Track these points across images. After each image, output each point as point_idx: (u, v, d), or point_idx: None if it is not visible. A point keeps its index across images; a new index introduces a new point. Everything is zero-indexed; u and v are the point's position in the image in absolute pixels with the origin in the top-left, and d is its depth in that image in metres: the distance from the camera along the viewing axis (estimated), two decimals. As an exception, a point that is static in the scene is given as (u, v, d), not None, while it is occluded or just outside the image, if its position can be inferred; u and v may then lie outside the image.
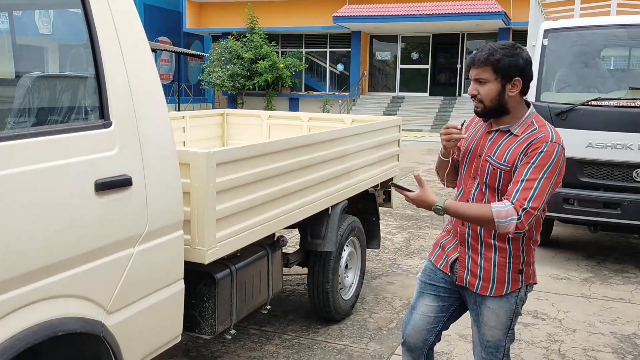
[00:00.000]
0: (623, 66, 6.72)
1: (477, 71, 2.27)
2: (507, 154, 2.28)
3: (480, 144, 2.39)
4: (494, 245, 2.36)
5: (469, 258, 2.42)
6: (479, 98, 2.29)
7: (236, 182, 2.85)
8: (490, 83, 2.26)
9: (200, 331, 2.93)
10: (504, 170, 2.28)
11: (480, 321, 2.45)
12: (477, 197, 2.37)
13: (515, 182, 2.22)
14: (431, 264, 2.58)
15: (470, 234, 2.40)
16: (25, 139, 1.90)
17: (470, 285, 2.43)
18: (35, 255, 1.90)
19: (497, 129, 2.36)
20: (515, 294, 2.40)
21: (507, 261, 2.36)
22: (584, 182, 5.67)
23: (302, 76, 25.80)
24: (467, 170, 2.42)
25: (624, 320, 4.51)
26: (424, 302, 2.57)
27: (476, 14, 20.74)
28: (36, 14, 2.87)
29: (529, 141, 2.25)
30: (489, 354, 2.48)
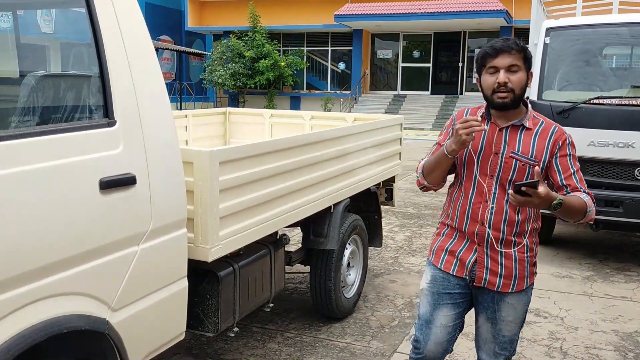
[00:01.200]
0: (625, 64, 6.72)
1: (511, 59, 2.20)
2: (532, 149, 2.27)
3: (495, 141, 2.30)
4: (514, 241, 2.34)
5: (487, 257, 2.36)
6: (510, 87, 2.20)
7: (239, 181, 2.86)
8: (521, 71, 2.23)
9: (203, 329, 2.94)
10: (532, 164, 2.26)
11: (497, 318, 2.43)
12: (498, 196, 2.30)
13: (568, 175, 2.30)
14: (441, 272, 2.45)
15: (490, 234, 2.32)
16: (30, 138, 1.91)
17: (490, 285, 2.38)
18: (40, 253, 1.91)
19: (508, 125, 2.31)
20: (532, 286, 2.45)
21: (525, 256, 2.37)
22: (585, 180, 5.65)
23: (304, 75, 25.79)
24: (482, 169, 2.32)
25: (625, 319, 4.52)
26: (442, 314, 2.47)
27: (478, 12, 20.72)
28: (39, 13, 2.88)
29: (550, 134, 2.29)
30: (503, 349, 2.47)
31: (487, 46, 2.25)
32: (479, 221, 2.33)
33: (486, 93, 2.28)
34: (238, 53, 23.15)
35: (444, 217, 2.51)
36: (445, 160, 2.29)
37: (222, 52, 23.65)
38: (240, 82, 23.33)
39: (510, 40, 2.23)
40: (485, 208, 2.32)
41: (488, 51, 2.23)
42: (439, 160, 2.31)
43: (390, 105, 23.08)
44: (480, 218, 2.33)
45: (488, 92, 2.26)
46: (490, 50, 2.22)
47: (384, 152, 4.73)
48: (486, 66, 2.25)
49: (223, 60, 23.64)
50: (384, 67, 25.84)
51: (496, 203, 2.31)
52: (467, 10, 20.96)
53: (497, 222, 2.31)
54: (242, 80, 23.28)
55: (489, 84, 2.24)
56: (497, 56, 2.21)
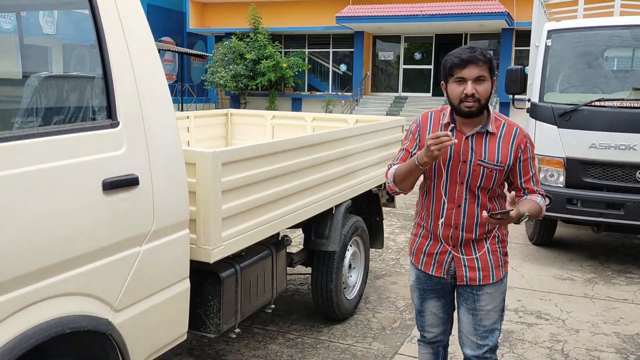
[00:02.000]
0: (626, 67, 6.71)
1: (478, 70, 2.27)
2: (497, 155, 2.39)
3: (462, 149, 2.39)
4: (485, 237, 2.48)
5: (463, 255, 2.49)
6: (476, 97, 2.29)
7: (241, 182, 2.87)
8: (487, 82, 2.31)
9: (205, 330, 2.94)
10: (498, 170, 2.39)
11: (477, 308, 2.53)
12: (469, 201, 2.42)
13: (528, 179, 2.45)
14: (422, 273, 2.61)
15: (464, 237, 2.45)
16: (33, 139, 1.92)
17: (471, 281, 2.50)
18: (43, 254, 1.92)
19: (473, 133, 2.39)
20: (506, 275, 2.59)
21: (497, 246, 2.51)
22: (587, 183, 5.68)
23: (305, 76, 25.79)
24: (452, 177, 2.42)
25: (627, 321, 4.52)
26: (430, 305, 2.66)
27: (479, 15, 20.70)
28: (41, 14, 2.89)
29: (512, 137, 2.41)
30: (484, 339, 2.55)
31: (455, 56, 2.30)
32: (453, 225, 2.46)
33: (453, 102, 2.35)
34: (240, 54, 23.16)
35: (418, 219, 2.62)
36: (417, 170, 2.37)
37: (223, 54, 23.65)
38: (242, 83, 23.32)
39: (477, 51, 2.29)
40: (458, 213, 2.44)
41: (456, 62, 2.28)
42: (411, 171, 2.39)
43: (392, 106, 23.08)
44: (454, 223, 2.45)
45: (455, 101, 2.34)
46: (457, 61, 2.28)
47: (386, 153, 4.73)
48: (454, 76, 2.31)
49: (224, 62, 23.64)
50: (385, 68, 25.83)
51: (467, 208, 2.43)
52: (468, 13, 20.95)
53: (469, 225, 2.45)
54: (244, 82, 23.27)
55: (457, 93, 2.31)
56: (465, 67, 2.27)
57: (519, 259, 6.10)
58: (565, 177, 5.75)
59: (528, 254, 6.30)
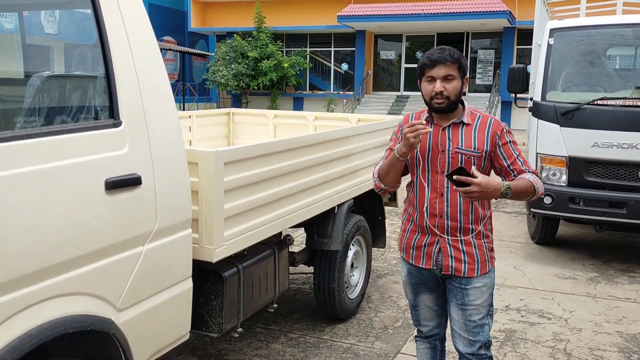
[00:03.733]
0: (629, 65, 6.70)
1: (447, 69, 2.41)
2: (474, 142, 2.50)
3: (440, 140, 2.51)
4: (471, 229, 2.54)
5: (450, 246, 2.55)
6: (445, 95, 2.43)
7: (244, 181, 2.87)
8: (456, 80, 2.45)
9: (207, 329, 2.94)
10: (476, 156, 2.49)
11: (466, 303, 2.58)
12: (451, 189, 2.48)
13: (513, 160, 2.52)
14: (413, 267, 2.68)
15: (449, 225, 2.52)
16: (36, 138, 1.92)
17: (456, 272, 2.56)
18: (45, 253, 1.92)
19: (449, 124, 2.51)
20: (493, 269, 2.64)
21: (482, 242, 2.57)
22: (589, 182, 5.67)
23: (307, 75, 25.79)
24: (432, 167, 2.52)
25: (630, 320, 4.51)
26: (423, 299, 2.74)
27: (481, 13, 20.68)
28: (43, 13, 2.89)
29: (487, 126, 2.52)
30: (475, 335, 2.59)
31: (425, 57, 2.46)
32: (438, 214, 2.53)
33: (425, 99, 2.50)
34: (241, 53, 23.15)
35: (406, 215, 2.70)
36: (397, 162, 2.50)
37: (225, 53, 23.65)
38: (244, 82, 23.32)
39: (446, 52, 2.44)
40: (442, 202, 2.52)
41: (425, 62, 2.45)
42: (392, 164, 2.52)
43: (393, 105, 23.06)
44: (439, 212, 2.53)
45: (427, 97, 2.49)
46: (427, 62, 2.44)
47: (388, 153, 4.72)
48: (425, 75, 2.47)
49: (226, 61, 23.64)
50: (386, 67, 25.82)
51: (450, 196, 2.51)
52: (470, 11, 20.93)
53: (453, 213, 2.52)
54: (245, 81, 23.27)
55: (427, 91, 2.47)
56: (434, 67, 2.43)
57: (521, 258, 6.09)
58: (568, 176, 5.73)
59: (530, 253, 6.29)
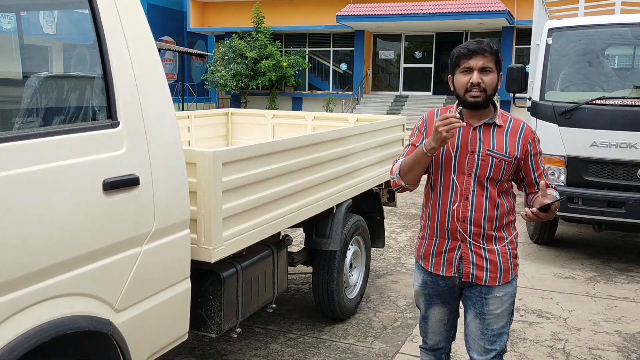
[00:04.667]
0: (627, 65, 6.70)
1: (484, 60, 2.29)
2: (505, 146, 2.37)
3: (470, 140, 2.38)
4: (494, 236, 2.42)
5: (472, 253, 2.43)
6: (482, 87, 2.30)
7: (242, 181, 2.87)
8: (493, 73, 2.32)
9: (206, 329, 2.94)
10: (507, 161, 2.37)
11: (486, 312, 2.47)
12: (477, 193, 2.37)
13: (540, 173, 2.45)
14: (430, 276, 2.55)
15: (472, 230, 2.40)
16: (34, 139, 1.92)
17: (477, 279, 2.44)
18: (43, 254, 1.91)
19: (481, 124, 2.39)
20: (516, 278, 2.52)
21: (507, 248, 2.45)
22: (588, 181, 5.67)
23: (306, 75, 25.78)
24: (460, 168, 2.38)
25: (628, 319, 4.51)
26: (435, 311, 2.61)
27: (480, 13, 20.69)
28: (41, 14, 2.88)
29: (520, 131, 2.41)
30: (492, 344, 2.49)
31: (462, 47, 2.33)
32: (460, 219, 2.40)
33: (459, 92, 2.35)
34: (240, 54, 23.14)
35: (424, 220, 2.56)
36: (424, 158, 2.33)
37: (224, 53, 23.64)
38: (242, 82, 23.31)
39: (484, 43, 2.32)
40: (466, 206, 2.39)
41: (463, 52, 2.31)
42: (417, 160, 2.35)
43: (392, 105, 23.07)
44: (462, 216, 2.40)
45: (461, 91, 2.34)
46: (464, 51, 2.31)
47: (387, 152, 4.73)
48: (460, 66, 2.33)
49: (225, 61, 23.63)
50: (385, 67, 25.82)
51: (475, 200, 2.38)
52: (469, 11, 20.93)
53: (477, 218, 2.39)
54: (244, 81, 23.27)
55: (463, 83, 2.32)
56: (472, 57, 2.30)
57: (520, 257, 6.07)
58: (567, 175, 5.74)
59: (529, 252, 6.29)
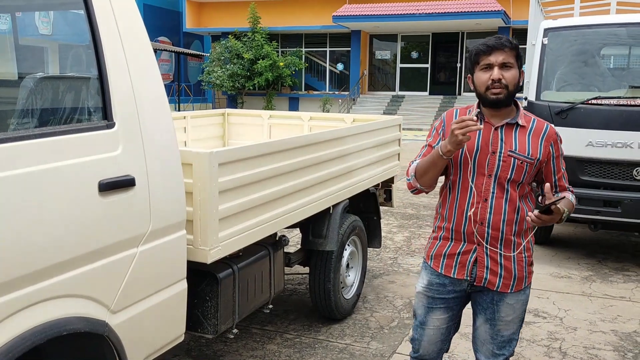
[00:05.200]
0: (623, 65, 6.73)
1: (505, 55, 2.22)
2: (528, 147, 2.31)
3: (492, 140, 2.30)
4: (513, 241, 2.35)
5: (487, 257, 2.36)
6: (504, 83, 2.23)
7: (238, 182, 2.86)
8: (514, 69, 2.25)
9: (202, 330, 2.94)
10: (529, 163, 2.30)
11: (497, 318, 2.43)
12: (497, 195, 2.30)
13: (560, 176, 2.42)
14: (437, 278, 2.46)
15: (490, 234, 2.32)
16: (29, 140, 1.91)
17: (490, 285, 2.38)
18: (39, 256, 1.91)
19: (503, 124, 2.32)
20: (529, 286, 2.47)
21: (523, 256, 2.39)
22: (584, 181, 5.68)
23: (302, 76, 25.80)
24: (479, 169, 2.31)
25: (624, 319, 4.52)
26: (435, 317, 2.51)
27: (476, 13, 20.75)
28: (36, 14, 2.87)
29: (543, 132, 2.35)
30: (502, 349, 2.46)
31: (481, 44, 2.27)
32: (478, 221, 2.32)
33: (480, 90, 2.29)
34: (236, 54, 23.13)
35: (439, 221, 2.49)
36: (440, 161, 2.28)
37: (220, 53, 23.63)
38: (239, 83, 23.31)
39: (504, 38, 2.26)
40: (485, 208, 2.31)
41: (482, 48, 2.25)
42: (433, 162, 2.30)
43: (389, 105, 23.10)
44: (480, 218, 2.32)
45: (482, 88, 2.27)
46: (484, 48, 2.25)
47: (383, 152, 4.73)
48: (480, 63, 2.26)
49: (221, 62, 23.62)
50: (382, 67, 25.86)
51: (494, 203, 2.31)
52: (465, 11, 20.99)
53: (496, 221, 2.31)
54: (241, 82, 23.26)
55: (483, 80, 2.26)
56: (491, 53, 2.23)
57: (517, 257, 6.09)
58: (563, 175, 5.74)
59: (526, 252, 6.30)
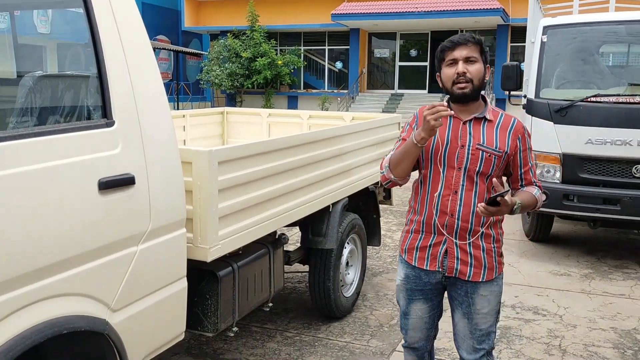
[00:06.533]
0: (622, 62, 6.73)
1: (468, 50, 2.31)
2: (496, 141, 2.38)
3: (461, 134, 2.38)
4: (481, 232, 2.42)
5: (457, 248, 2.43)
6: (468, 77, 2.31)
7: (238, 180, 2.86)
8: (478, 63, 2.33)
9: (202, 329, 2.94)
10: (497, 156, 2.37)
11: (473, 311, 2.48)
12: (466, 187, 2.38)
13: (527, 169, 2.46)
14: (413, 270, 2.55)
15: (460, 225, 2.40)
16: (28, 139, 1.91)
17: (461, 274, 2.45)
18: (39, 254, 1.91)
19: (471, 118, 2.39)
20: (501, 276, 2.53)
21: (492, 246, 2.46)
22: (583, 178, 5.68)
23: (301, 74, 25.77)
24: (449, 162, 2.38)
25: (624, 316, 4.53)
26: (416, 307, 2.59)
27: (474, 11, 20.72)
28: (35, 13, 2.87)
29: (510, 126, 2.41)
30: (481, 343, 2.50)
31: (446, 41, 2.37)
32: (448, 213, 2.40)
33: (446, 85, 2.37)
34: (235, 53, 23.10)
35: (411, 214, 2.56)
36: (414, 149, 2.33)
37: (218, 52, 23.60)
38: (238, 82, 23.28)
39: (467, 34, 2.36)
40: (455, 200, 2.39)
41: (446, 45, 2.35)
42: (407, 151, 2.36)
43: (388, 104, 23.08)
44: (450, 210, 2.40)
45: (448, 84, 2.36)
46: (448, 44, 2.34)
47: (382, 151, 4.73)
48: (445, 59, 2.35)
49: (220, 60, 23.59)
50: (381, 66, 25.83)
51: (464, 195, 2.39)
52: (463, 9, 20.96)
53: (465, 213, 2.39)
54: (239, 80, 23.23)
55: (449, 75, 2.34)
56: (455, 49, 2.32)
57: (516, 255, 6.11)
58: (562, 172, 5.76)
59: (525, 250, 6.31)
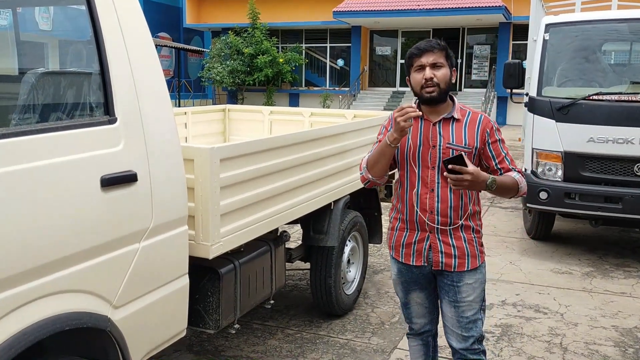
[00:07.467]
0: (624, 61, 6.71)
1: (434, 56, 2.44)
2: (465, 138, 2.50)
3: (431, 135, 2.50)
4: (461, 224, 2.54)
5: (440, 242, 2.55)
6: (435, 82, 2.43)
7: (240, 178, 2.86)
8: (444, 67, 2.46)
9: (204, 326, 2.94)
10: (467, 152, 2.48)
11: (459, 300, 2.59)
12: (442, 185, 2.49)
13: (501, 159, 2.55)
14: (403, 265, 2.68)
15: (440, 221, 2.52)
16: (30, 136, 1.91)
17: (447, 267, 2.57)
18: (41, 251, 1.91)
19: (440, 119, 2.51)
20: (484, 265, 2.66)
21: (472, 237, 2.58)
22: (585, 177, 5.68)
23: (302, 71, 25.75)
24: (423, 162, 2.51)
25: (625, 314, 4.53)
26: (414, 296, 2.74)
27: (477, 9, 20.69)
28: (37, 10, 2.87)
29: (478, 122, 2.53)
30: (469, 330, 2.60)
31: (413, 47, 2.51)
32: (428, 210, 2.53)
33: (415, 89, 2.50)
34: (236, 50, 23.09)
35: (395, 212, 2.68)
36: (388, 150, 2.46)
37: (220, 49, 23.58)
38: (239, 79, 23.27)
39: (433, 41, 2.50)
40: (432, 198, 2.52)
41: (414, 52, 2.49)
42: (382, 152, 2.49)
43: (389, 101, 23.07)
44: (429, 207, 2.53)
45: (417, 88, 2.48)
46: (415, 51, 2.48)
47: (384, 148, 4.72)
48: (413, 65, 2.49)
49: (221, 58, 23.58)
50: (382, 63, 25.81)
51: (440, 192, 2.51)
52: (466, 7, 20.93)
53: (443, 209, 2.52)
54: (241, 78, 23.22)
55: (417, 80, 2.47)
56: (422, 55, 2.46)
57: (517, 253, 6.11)
58: (564, 171, 5.75)
59: (526, 248, 6.31)
